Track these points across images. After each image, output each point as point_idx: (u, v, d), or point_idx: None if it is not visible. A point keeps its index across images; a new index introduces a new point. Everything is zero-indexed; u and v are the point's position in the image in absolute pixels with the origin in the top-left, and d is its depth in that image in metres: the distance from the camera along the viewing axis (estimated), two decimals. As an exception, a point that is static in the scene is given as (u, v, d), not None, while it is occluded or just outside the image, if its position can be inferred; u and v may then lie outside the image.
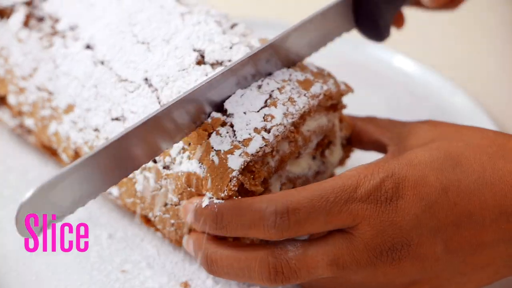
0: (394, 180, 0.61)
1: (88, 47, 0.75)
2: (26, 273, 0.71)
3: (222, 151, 0.63)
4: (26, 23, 0.79)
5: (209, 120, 0.64)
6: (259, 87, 0.66)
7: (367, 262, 0.61)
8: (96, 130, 0.72)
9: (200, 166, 0.64)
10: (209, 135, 0.64)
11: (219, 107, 0.65)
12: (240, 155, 0.63)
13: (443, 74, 0.95)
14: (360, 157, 0.74)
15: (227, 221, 0.62)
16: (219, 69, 0.67)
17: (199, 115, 0.64)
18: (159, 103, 0.68)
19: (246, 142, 0.63)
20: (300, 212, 0.60)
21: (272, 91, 0.65)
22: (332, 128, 0.71)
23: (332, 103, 0.69)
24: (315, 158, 0.72)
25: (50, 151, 0.80)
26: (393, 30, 0.80)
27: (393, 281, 0.62)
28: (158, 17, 0.74)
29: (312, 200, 0.61)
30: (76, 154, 0.75)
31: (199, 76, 0.68)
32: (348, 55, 0.75)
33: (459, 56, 1.03)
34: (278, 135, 0.64)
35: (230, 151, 0.63)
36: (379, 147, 0.71)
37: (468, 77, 0.98)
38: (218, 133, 0.64)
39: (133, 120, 0.69)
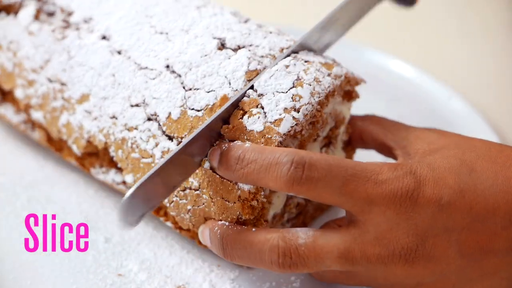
0: (415, 177, 0.62)
1: (104, 38, 0.76)
2: (21, 276, 0.71)
3: (255, 132, 0.65)
4: (37, 17, 0.80)
5: (246, 99, 0.66)
6: (287, 67, 0.68)
7: (377, 259, 0.61)
8: (113, 117, 0.73)
9: None
10: (243, 115, 0.66)
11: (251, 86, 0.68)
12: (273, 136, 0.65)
13: (441, 79, 0.96)
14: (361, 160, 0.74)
15: (248, 161, 0.63)
16: (241, 52, 0.70)
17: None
18: (184, 88, 0.70)
19: (277, 122, 0.65)
20: (317, 170, 0.61)
21: (299, 72, 0.68)
22: (342, 120, 0.73)
23: (348, 89, 0.71)
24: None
25: (56, 146, 0.80)
26: (392, 35, 0.80)
27: (402, 281, 0.62)
28: (174, 9, 0.76)
29: (331, 165, 0.61)
30: (89, 143, 0.75)
31: (222, 60, 0.70)
32: (346, 60, 0.75)
33: (457, 61, 1.04)
34: (307, 114, 0.66)
35: (262, 133, 0.65)
36: (383, 149, 0.72)
37: (465, 82, 0.99)
38: (251, 114, 0.66)
39: (156, 105, 0.70)
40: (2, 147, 0.85)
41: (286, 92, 0.67)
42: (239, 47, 0.71)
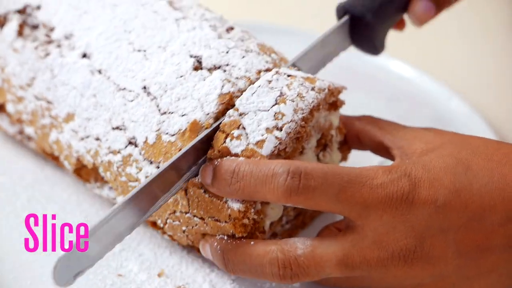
0: (410, 179, 0.62)
1: (84, 55, 0.75)
2: (21, 277, 0.71)
3: (240, 153, 0.64)
4: (20, 32, 0.79)
5: (226, 120, 0.65)
6: (269, 82, 0.67)
7: (377, 262, 0.62)
8: (97, 139, 0.72)
9: None
10: (225, 138, 0.65)
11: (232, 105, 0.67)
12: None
13: (439, 79, 0.96)
14: (357, 162, 0.74)
15: (243, 174, 0.63)
16: (216, 74, 0.68)
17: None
18: (159, 111, 0.69)
19: (260, 144, 0.64)
20: (313, 178, 0.61)
21: (282, 87, 0.66)
22: (330, 127, 0.71)
23: (333, 100, 0.70)
24: (318, 159, 0.72)
25: (51, 156, 0.80)
26: (391, 36, 0.80)
27: (402, 282, 0.63)
28: (153, 23, 0.74)
29: (327, 173, 0.61)
30: (79, 162, 0.75)
31: (196, 82, 0.68)
32: (345, 60, 0.75)
33: (457, 61, 1.04)
34: (290, 132, 0.64)
35: (247, 156, 0.64)
36: (380, 149, 0.71)
37: (465, 82, 0.98)
38: (232, 137, 0.65)
39: (134, 129, 0.70)
40: (2, 147, 0.85)
41: (268, 110, 0.65)
42: (215, 67, 0.69)
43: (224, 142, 0.65)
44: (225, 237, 0.66)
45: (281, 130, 0.64)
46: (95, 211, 0.77)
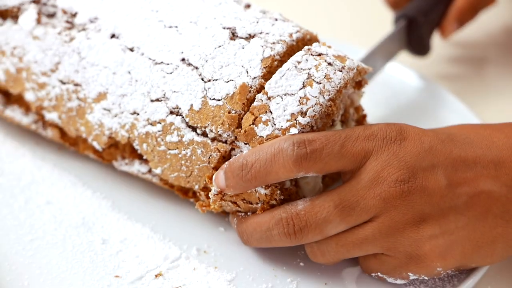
0: (396, 127, 0.68)
1: (113, 36, 0.78)
2: (19, 278, 0.71)
3: (265, 138, 0.69)
4: (38, 20, 0.81)
5: (256, 104, 0.70)
6: (298, 63, 0.71)
7: (374, 197, 0.66)
8: (134, 113, 0.75)
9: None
10: (254, 120, 0.69)
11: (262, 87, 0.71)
12: None
13: (438, 80, 0.95)
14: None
15: (252, 162, 0.68)
16: (254, 41, 0.73)
17: None
18: (203, 79, 0.73)
19: (284, 132, 0.68)
20: (316, 142, 0.67)
21: (310, 68, 0.70)
22: (351, 104, 0.76)
23: (359, 80, 0.75)
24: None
25: (70, 141, 0.82)
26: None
27: (405, 214, 0.66)
28: (179, 1, 0.78)
29: (326, 135, 0.67)
30: (111, 139, 0.77)
31: (236, 50, 0.73)
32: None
33: (456, 61, 1.04)
34: (314, 115, 0.69)
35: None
36: None
37: (464, 82, 0.98)
38: (260, 121, 0.69)
39: (176, 98, 0.73)
40: (0, 148, 0.85)
41: (295, 94, 0.69)
42: (251, 36, 0.74)
43: (252, 123, 0.69)
44: (242, 214, 0.71)
45: (305, 115, 0.69)
46: (93, 212, 0.78)
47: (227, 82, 0.71)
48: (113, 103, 0.76)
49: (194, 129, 0.72)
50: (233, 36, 0.74)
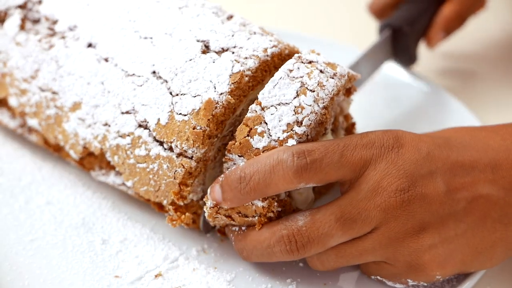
0: (393, 134, 0.67)
1: (90, 45, 0.77)
2: (19, 278, 0.71)
3: (261, 150, 0.67)
4: (22, 26, 0.81)
5: (249, 115, 0.68)
6: (290, 71, 0.69)
7: (375, 208, 0.65)
8: (106, 124, 0.74)
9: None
10: (248, 132, 0.67)
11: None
12: None
13: (437, 80, 0.96)
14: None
15: (250, 175, 0.66)
16: (225, 55, 0.71)
17: None
18: (171, 93, 0.71)
19: (281, 143, 0.67)
20: (316, 152, 0.65)
21: (302, 76, 0.69)
22: (340, 112, 0.75)
23: (349, 87, 0.73)
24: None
25: (53, 148, 0.82)
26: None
27: (405, 224, 0.65)
28: (157, 12, 0.76)
29: (324, 145, 0.66)
30: (85, 149, 0.77)
31: (206, 64, 0.71)
32: (342, 62, 0.75)
33: (455, 61, 1.04)
34: (310, 123, 0.67)
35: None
36: None
37: (463, 83, 0.99)
38: (255, 132, 0.67)
39: (145, 112, 0.72)
40: (0, 149, 0.85)
41: (289, 103, 0.67)
42: (223, 50, 0.72)
43: (247, 135, 0.67)
44: (236, 228, 0.70)
45: (301, 124, 0.67)
46: (93, 212, 0.78)
47: (194, 97, 0.70)
48: (87, 113, 0.75)
49: (161, 143, 0.71)
50: (206, 49, 0.73)
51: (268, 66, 0.72)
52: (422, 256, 0.66)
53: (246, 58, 0.71)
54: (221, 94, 0.70)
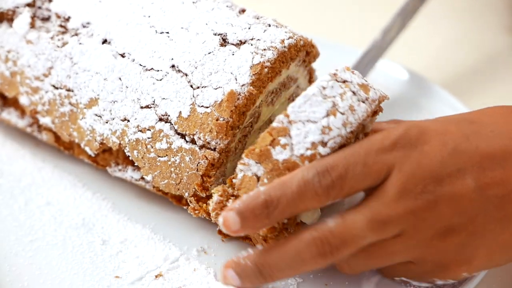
0: (417, 128, 0.64)
1: (105, 41, 0.77)
2: (18, 279, 0.71)
3: (280, 162, 0.65)
4: (32, 25, 0.81)
5: (275, 125, 0.66)
6: (324, 88, 0.68)
7: (404, 210, 0.63)
8: (124, 120, 0.75)
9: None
10: (272, 142, 0.66)
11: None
12: None
13: (436, 80, 0.96)
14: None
15: (276, 201, 0.63)
16: (244, 47, 0.72)
17: None
18: (191, 86, 0.72)
19: (303, 159, 0.65)
20: (339, 167, 0.63)
21: (334, 96, 0.67)
22: (362, 130, 0.73)
23: (377, 109, 0.72)
24: None
25: (65, 146, 0.82)
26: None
27: (433, 226, 0.64)
28: (171, 7, 0.77)
29: (345, 157, 0.64)
30: (102, 145, 0.77)
31: (226, 56, 0.72)
32: (341, 62, 0.76)
33: (454, 62, 1.04)
34: (335, 146, 0.66)
35: (287, 167, 0.65)
36: None
37: (462, 83, 0.99)
38: (278, 143, 0.66)
39: (166, 105, 0.73)
40: (0, 150, 0.85)
41: (317, 122, 0.66)
42: (241, 42, 0.73)
43: (269, 145, 0.66)
44: (250, 251, 0.66)
45: (326, 145, 0.66)
46: (93, 213, 0.78)
47: (216, 89, 0.71)
48: (104, 109, 0.76)
49: (182, 136, 0.72)
50: (224, 42, 0.74)
51: (285, 57, 0.73)
52: (449, 255, 0.65)
53: (265, 49, 0.72)
54: (242, 85, 0.71)
